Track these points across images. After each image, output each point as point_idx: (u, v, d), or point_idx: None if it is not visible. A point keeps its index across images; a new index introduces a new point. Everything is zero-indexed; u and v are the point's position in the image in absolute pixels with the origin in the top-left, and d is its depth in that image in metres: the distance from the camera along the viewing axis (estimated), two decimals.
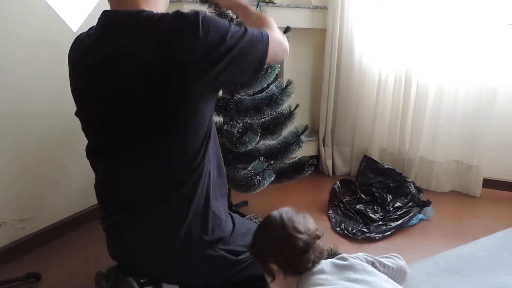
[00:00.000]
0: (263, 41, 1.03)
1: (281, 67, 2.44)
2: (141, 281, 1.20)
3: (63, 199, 1.88)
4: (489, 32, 2.14)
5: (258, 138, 1.71)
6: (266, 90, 1.80)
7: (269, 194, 2.12)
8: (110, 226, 1.21)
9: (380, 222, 1.93)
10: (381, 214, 2.02)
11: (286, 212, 1.05)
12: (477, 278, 1.47)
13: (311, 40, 2.60)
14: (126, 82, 0.96)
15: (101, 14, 1.01)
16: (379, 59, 2.43)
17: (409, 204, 2.05)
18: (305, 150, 2.14)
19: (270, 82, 1.80)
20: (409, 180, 2.18)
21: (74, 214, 1.93)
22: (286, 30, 1.81)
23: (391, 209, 2.04)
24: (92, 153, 1.14)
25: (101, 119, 1.04)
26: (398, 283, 1.05)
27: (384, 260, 1.10)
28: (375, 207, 2.08)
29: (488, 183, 2.33)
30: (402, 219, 1.94)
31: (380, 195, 2.13)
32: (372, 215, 1.99)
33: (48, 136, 1.77)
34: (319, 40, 2.59)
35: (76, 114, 1.12)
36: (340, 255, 1.07)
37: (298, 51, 2.55)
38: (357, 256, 1.08)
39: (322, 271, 1.01)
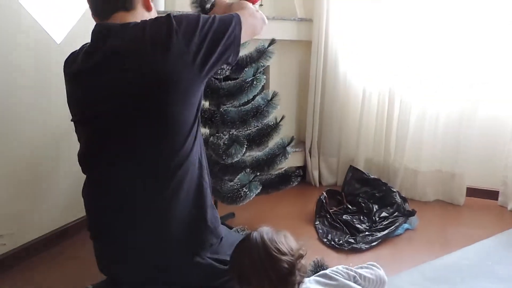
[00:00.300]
0: (234, 17, 1.16)
1: (267, 79, 2.46)
2: None
3: (45, 213, 1.84)
4: (469, 49, 2.21)
5: (244, 150, 1.71)
6: (252, 102, 1.81)
7: (256, 206, 2.12)
8: (99, 232, 1.21)
9: (367, 233, 1.94)
10: (367, 224, 2.03)
11: (266, 232, 1.02)
12: (462, 287, 1.49)
13: (296, 52, 2.63)
14: (120, 80, 1.05)
15: (95, 26, 1.12)
16: (364, 74, 2.47)
17: (394, 214, 2.07)
18: (291, 160, 2.15)
19: (256, 94, 1.82)
20: (394, 190, 2.20)
21: (58, 228, 1.89)
22: (271, 43, 1.84)
23: (377, 219, 2.05)
24: (83, 155, 1.18)
25: (96, 115, 1.10)
26: None
27: (364, 272, 1.10)
28: (361, 217, 2.09)
29: (472, 192, 2.37)
30: (388, 229, 1.95)
31: (366, 205, 2.15)
32: (359, 226, 2.00)
33: (30, 148, 1.74)
34: (305, 52, 2.62)
35: (72, 114, 1.19)
36: (323, 273, 1.07)
37: (284, 63, 2.58)
38: (337, 271, 1.06)
39: None
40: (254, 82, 1.74)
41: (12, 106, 1.64)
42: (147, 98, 1.04)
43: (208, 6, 1.64)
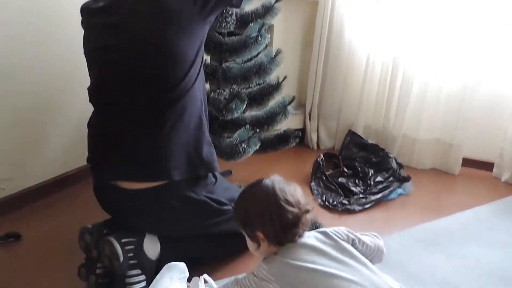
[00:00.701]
0: None
1: (271, 38, 2.41)
2: (123, 240, 1.22)
3: (45, 160, 1.85)
4: (479, 28, 2.15)
5: (244, 106, 1.70)
6: (255, 59, 1.78)
7: (254, 165, 2.13)
8: (97, 161, 1.26)
9: (361, 195, 1.97)
10: (362, 187, 2.06)
11: (278, 181, 1.03)
12: (450, 250, 1.53)
13: (302, 12, 2.56)
14: (127, 17, 1.17)
15: None
16: (369, 41, 2.41)
17: (389, 179, 2.09)
18: (290, 122, 2.14)
19: (259, 51, 1.79)
20: (391, 156, 2.21)
21: (57, 176, 1.91)
22: (277, 0, 1.78)
23: (372, 183, 2.08)
24: (92, 87, 1.28)
25: (105, 49, 1.20)
26: (374, 262, 1.07)
27: (364, 238, 1.09)
28: (357, 181, 2.11)
29: (467, 162, 2.39)
30: (382, 193, 1.98)
31: (362, 169, 2.17)
32: (353, 188, 2.02)
33: (30, 95, 1.72)
34: (310, 12, 2.55)
35: (84, 48, 1.29)
36: (323, 230, 1.06)
37: (289, 23, 2.51)
38: (338, 232, 1.06)
39: (305, 245, 1.00)
40: (259, 39, 1.71)
41: (9, 53, 1.61)
42: (151, 30, 1.14)
43: None
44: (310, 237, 1.03)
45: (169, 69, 1.17)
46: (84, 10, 1.28)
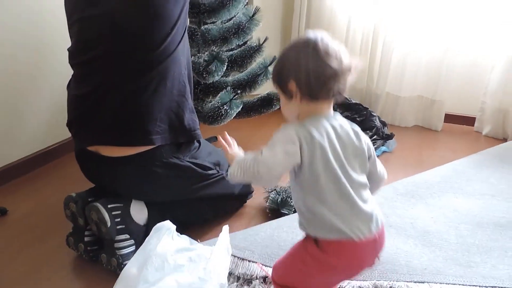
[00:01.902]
0: None
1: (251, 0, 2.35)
2: (109, 206, 1.23)
3: (29, 133, 1.81)
4: None
5: (224, 68, 1.68)
6: (233, 19, 1.74)
7: (239, 130, 2.12)
8: (78, 124, 1.25)
9: None
10: None
11: (323, 35, 0.92)
12: (430, 201, 1.58)
13: None
14: None
15: None
16: (349, 8, 2.39)
17: (373, 137, 2.12)
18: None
19: (238, 10, 1.74)
20: (374, 114, 2.23)
21: (42, 149, 1.88)
22: None
23: None
24: (72, 51, 1.26)
25: (86, 16, 1.18)
26: (372, 185, 0.97)
27: (378, 163, 1.01)
28: None
29: (450, 118, 2.43)
30: None
31: None
32: None
33: (10, 68, 1.66)
34: None
35: (67, 16, 1.27)
36: (357, 128, 0.96)
37: None
38: (366, 141, 0.96)
39: (334, 128, 0.90)
40: None
41: None
42: None
43: None
44: (343, 125, 0.93)
45: (150, 28, 1.14)
46: None
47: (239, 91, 1.77)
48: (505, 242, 1.35)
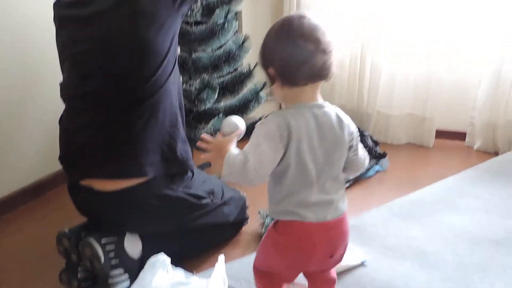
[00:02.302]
0: None
1: (240, 26, 2.39)
2: (103, 241, 1.21)
3: (18, 167, 1.80)
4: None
5: (216, 95, 1.69)
6: (224, 47, 1.77)
7: None
8: (71, 158, 1.25)
9: None
10: None
11: (301, 16, 0.89)
12: (425, 220, 1.58)
13: None
14: (100, 10, 1.16)
15: None
16: (336, 27, 2.42)
17: None
18: (265, 109, 2.14)
19: (228, 38, 1.77)
20: (366, 134, 2.25)
21: (32, 182, 1.86)
22: None
23: None
24: (64, 86, 1.26)
25: (77, 41, 1.20)
26: (348, 172, 0.99)
27: (360, 150, 0.99)
28: None
29: (441, 134, 2.46)
30: None
31: None
32: None
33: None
34: None
35: (58, 50, 1.28)
36: (342, 117, 0.94)
37: (257, 7, 2.50)
38: (350, 129, 0.95)
39: (315, 117, 0.89)
40: (226, 25, 1.70)
41: None
42: (124, 23, 1.14)
43: None
44: (326, 114, 0.91)
45: (142, 62, 1.16)
46: (57, 3, 1.26)
47: None
48: (502, 259, 1.35)
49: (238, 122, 1.04)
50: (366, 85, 2.47)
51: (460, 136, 2.45)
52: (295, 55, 0.86)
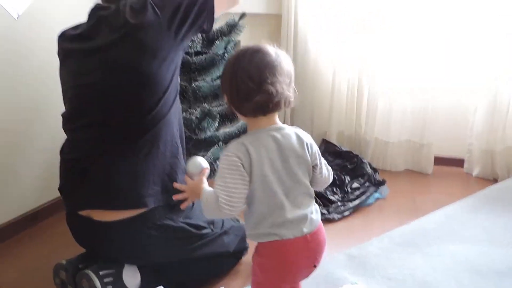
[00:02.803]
0: None
1: None
2: (101, 273, 1.19)
3: (15, 196, 1.78)
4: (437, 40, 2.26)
5: (216, 124, 1.71)
6: None
7: None
8: (70, 188, 1.24)
9: (339, 203, 2.00)
10: (339, 195, 2.08)
11: (253, 48, 0.94)
12: (427, 250, 1.56)
13: (266, 26, 2.61)
14: (104, 44, 1.18)
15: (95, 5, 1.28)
16: (334, 52, 2.48)
17: (365, 184, 2.13)
18: None
19: None
20: (365, 161, 2.26)
21: (28, 211, 1.84)
22: (241, 17, 1.81)
23: (349, 190, 2.11)
24: (65, 117, 1.28)
25: (80, 74, 1.22)
26: (313, 186, 1.00)
27: (323, 169, 1.02)
28: (334, 189, 2.14)
29: (439, 161, 2.46)
30: (359, 199, 2.01)
31: (338, 177, 2.20)
32: (331, 197, 2.04)
33: None
34: (275, 26, 2.60)
35: (61, 82, 1.30)
36: (302, 137, 0.97)
37: (254, 38, 2.54)
38: (312, 148, 0.98)
39: (274, 139, 0.93)
40: (226, 56, 1.73)
41: None
42: (126, 56, 1.16)
43: None
44: (286, 136, 0.95)
45: (144, 94, 1.17)
46: (62, 37, 1.29)
47: None
48: None
49: (202, 162, 1.15)
50: (363, 112, 2.50)
51: (458, 162, 2.46)
52: (238, 91, 0.91)
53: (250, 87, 0.89)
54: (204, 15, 1.25)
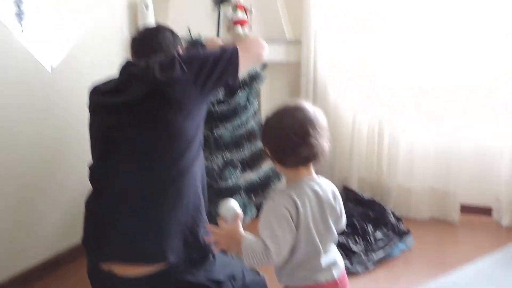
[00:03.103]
0: (231, 47, 1.33)
1: (259, 103, 2.47)
2: None
3: (35, 243, 1.79)
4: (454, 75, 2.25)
5: (238, 173, 1.70)
6: (245, 126, 1.81)
7: (251, 230, 2.09)
8: (93, 240, 1.23)
9: (362, 255, 1.92)
10: (362, 246, 2.01)
11: (297, 107, 1.05)
12: None
13: (286, 74, 2.65)
14: (133, 99, 1.21)
15: (126, 61, 1.33)
16: (352, 104, 2.49)
17: (389, 235, 2.05)
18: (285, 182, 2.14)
19: (248, 116, 1.82)
20: (388, 210, 2.19)
21: (48, 258, 1.84)
22: (263, 67, 1.85)
23: (372, 240, 2.04)
24: (93, 167, 1.28)
25: (109, 131, 1.24)
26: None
27: (344, 216, 1.12)
28: (356, 238, 2.07)
29: (466, 209, 2.38)
30: (383, 250, 1.94)
31: (361, 226, 2.13)
32: (354, 247, 1.97)
33: (19, 178, 1.70)
34: (294, 74, 2.64)
35: (90, 131, 1.32)
36: (336, 193, 1.08)
37: (274, 86, 2.59)
38: (341, 205, 1.09)
39: (313, 192, 1.02)
40: (247, 105, 1.75)
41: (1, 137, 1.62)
42: (154, 111, 1.19)
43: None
44: (323, 188, 1.05)
45: (169, 147, 1.19)
46: (93, 91, 1.33)
47: (252, 196, 1.77)
48: None
49: (235, 206, 1.13)
50: (384, 157, 2.46)
51: (486, 211, 2.37)
52: (284, 145, 1.01)
53: (295, 142, 1.00)
54: (229, 71, 1.29)
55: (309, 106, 1.06)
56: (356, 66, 2.45)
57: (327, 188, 1.06)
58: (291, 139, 0.99)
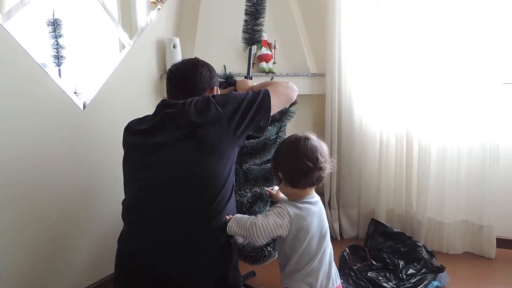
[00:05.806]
0: (262, 90, 1.39)
1: (285, 133, 2.47)
2: None
3: (63, 278, 1.80)
4: (485, 91, 2.19)
5: (267, 207, 1.69)
6: None
7: (277, 264, 2.05)
8: (125, 279, 1.23)
9: None
10: (394, 282, 1.94)
11: (306, 137, 1.26)
12: None
13: (310, 105, 2.67)
14: (168, 141, 1.25)
15: (162, 100, 1.39)
16: (379, 121, 2.48)
17: (422, 271, 1.98)
18: None
19: None
20: (420, 244, 2.13)
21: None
22: (292, 105, 1.87)
23: (404, 276, 1.97)
24: (127, 206, 1.29)
25: (144, 166, 1.27)
26: None
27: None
28: (388, 274, 2.01)
29: (503, 243, 2.28)
30: None
31: (391, 261, 2.07)
32: (385, 284, 1.91)
33: (54, 211, 1.74)
34: (319, 105, 2.66)
35: (124, 168, 1.36)
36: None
37: (299, 117, 2.58)
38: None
39: (305, 208, 1.23)
40: (277, 140, 1.76)
41: (33, 174, 1.65)
42: (187, 154, 1.22)
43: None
44: (322, 207, 1.29)
45: (202, 189, 1.20)
46: (128, 129, 1.37)
47: None
48: None
49: None
50: (414, 190, 2.41)
51: None
52: (299, 169, 1.22)
53: (308, 166, 1.21)
54: (261, 113, 1.31)
55: (314, 136, 1.28)
56: (380, 88, 2.44)
57: (322, 207, 1.29)
58: (305, 164, 1.20)
